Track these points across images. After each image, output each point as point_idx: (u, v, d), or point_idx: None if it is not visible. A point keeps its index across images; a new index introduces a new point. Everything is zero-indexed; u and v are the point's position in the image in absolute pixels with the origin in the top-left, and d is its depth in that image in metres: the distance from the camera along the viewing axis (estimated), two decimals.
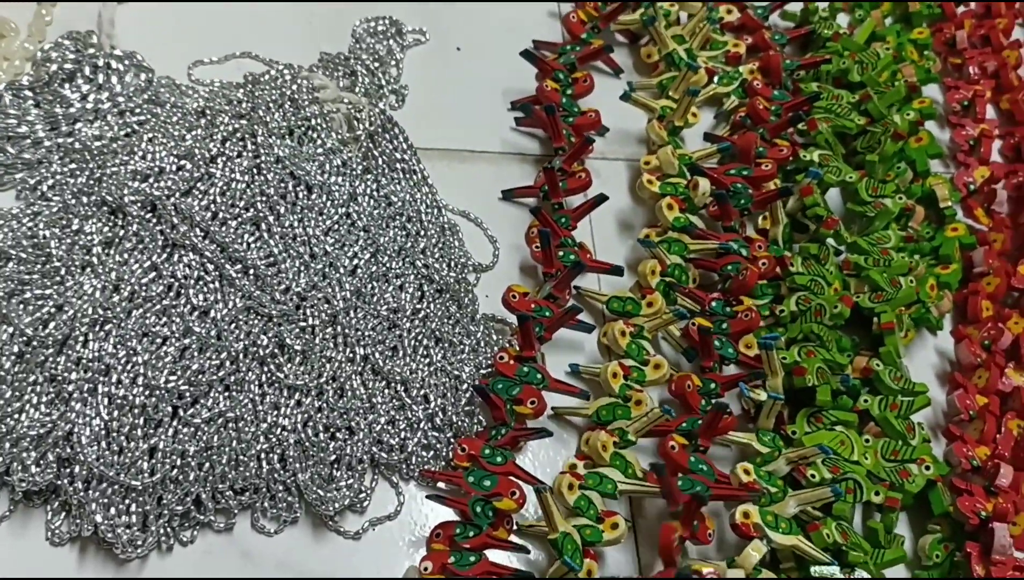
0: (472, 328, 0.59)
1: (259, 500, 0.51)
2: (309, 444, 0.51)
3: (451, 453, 0.55)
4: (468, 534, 0.50)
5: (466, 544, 0.50)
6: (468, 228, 0.64)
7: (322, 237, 0.56)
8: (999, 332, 0.62)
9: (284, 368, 0.52)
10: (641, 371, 0.57)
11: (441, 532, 0.51)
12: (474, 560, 0.49)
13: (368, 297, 0.56)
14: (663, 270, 0.61)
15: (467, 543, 0.49)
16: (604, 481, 0.53)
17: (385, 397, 0.54)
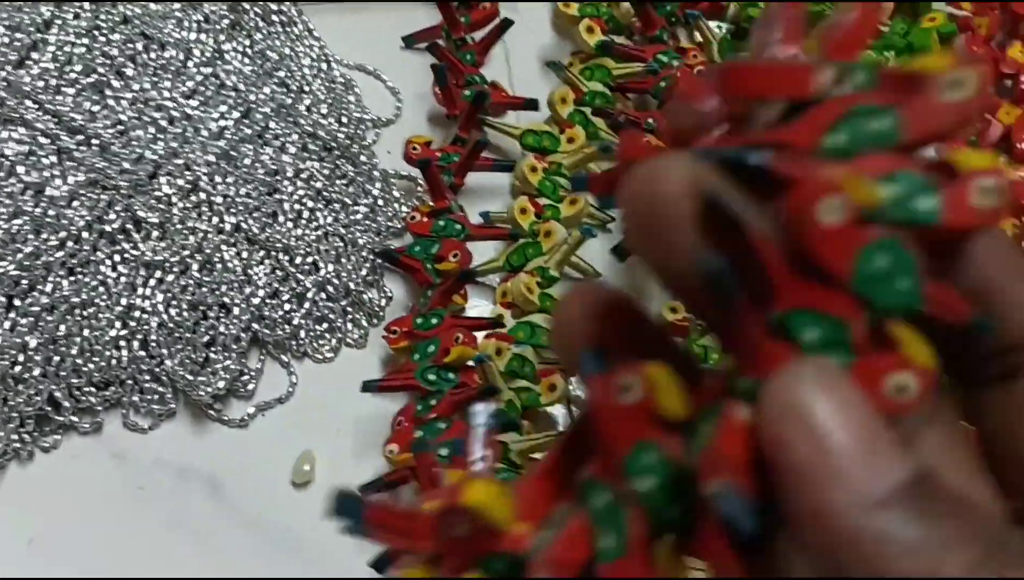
0: (369, 187, 0.52)
1: (126, 394, 0.45)
2: (174, 326, 0.45)
3: (350, 328, 0.48)
4: (431, 404, 0.43)
5: (431, 414, 0.43)
6: (369, 82, 0.57)
7: (182, 100, 0.49)
8: (987, 124, 0.53)
9: (140, 244, 0.46)
10: (555, 209, 0.49)
11: (402, 417, 0.44)
12: (445, 427, 0.43)
13: (239, 161, 0.49)
14: (578, 99, 0.52)
15: (432, 412, 0.43)
16: (537, 331, 0.46)
17: (265, 268, 0.47)
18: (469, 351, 0.43)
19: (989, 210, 0.17)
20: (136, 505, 0.43)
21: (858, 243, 0.17)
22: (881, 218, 0.17)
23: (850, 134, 0.17)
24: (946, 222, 0.17)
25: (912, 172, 0.17)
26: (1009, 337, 0.19)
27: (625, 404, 0.18)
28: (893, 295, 0.17)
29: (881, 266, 0.17)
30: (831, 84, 0.18)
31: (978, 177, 0.17)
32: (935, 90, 0.17)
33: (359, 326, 0.49)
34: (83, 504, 0.43)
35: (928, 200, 0.17)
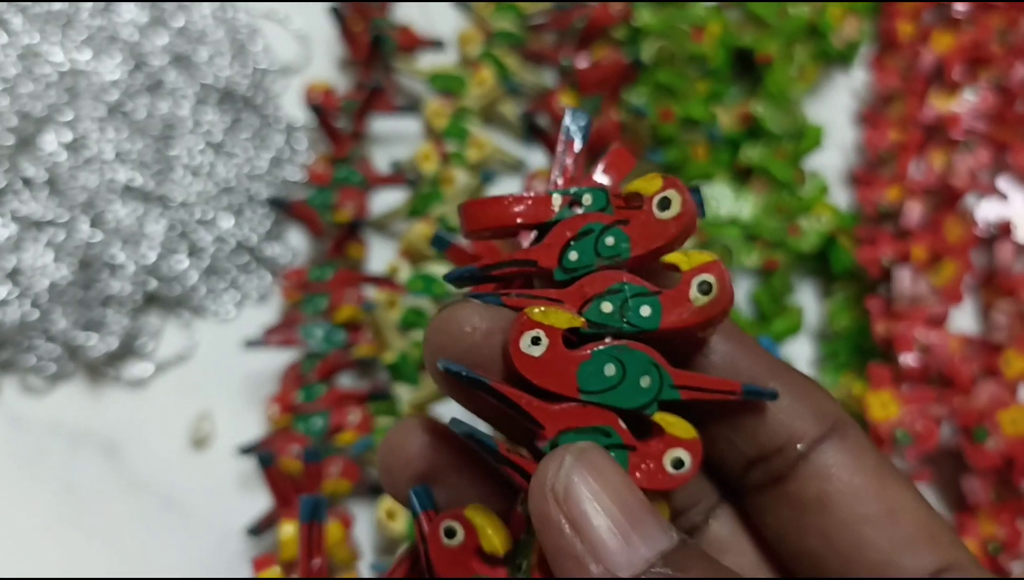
0: (275, 138, 0.50)
1: (19, 355, 0.44)
2: (65, 285, 0.44)
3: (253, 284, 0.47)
4: (314, 364, 0.42)
5: (313, 377, 0.42)
6: (276, 31, 0.55)
7: (74, 52, 0.48)
8: (916, 53, 0.51)
9: (27, 202, 0.44)
10: (460, 157, 0.47)
11: (290, 374, 0.43)
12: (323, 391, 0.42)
13: (133, 114, 0.47)
14: (487, 38, 0.50)
15: (314, 374, 0.42)
16: (432, 283, 0.44)
17: (161, 224, 0.46)
18: (358, 312, 0.42)
19: (709, 305, 0.19)
20: (31, 470, 0.42)
21: (575, 364, 0.19)
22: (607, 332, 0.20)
23: (581, 251, 0.20)
24: (668, 324, 0.19)
25: (631, 283, 0.20)
26: (766, 441, 0.20)
27: (453, 547, 0.20)
28: (636, 394, 0.19)
29: (609, 374, 0.19)
30: (564, 208, 0.20)
31: (696, 274, 0.19)
32: (650, 209, 0.20)
33: (262, 282, 0.48)
34: None
35: (647, 306, 0.20)
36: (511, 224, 0.20)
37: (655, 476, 0.19)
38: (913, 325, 0.41)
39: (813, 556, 0.20)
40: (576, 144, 0.22)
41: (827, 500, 0.20)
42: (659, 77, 0.48)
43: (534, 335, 0.19)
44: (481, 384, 0.19)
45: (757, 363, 0.20)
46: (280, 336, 0.42)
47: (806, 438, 0.20)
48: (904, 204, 0.44)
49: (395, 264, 0.45)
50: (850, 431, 0.20)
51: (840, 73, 0.55)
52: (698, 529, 0.21)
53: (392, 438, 0.21)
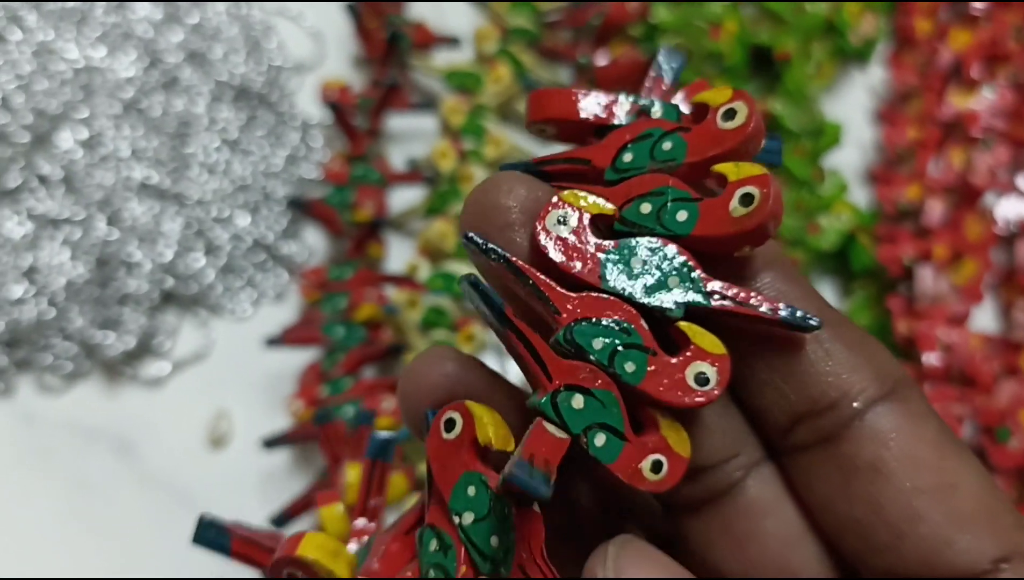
0: (291, 136, 0.50)
1: (35, 354, 0.44)
2: (82, 283, 0.44)
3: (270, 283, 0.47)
4: (336, 360, 0.42)
5: (338, 371, 0.42)
6: (290, 28, 0.55)
7: (89, 49, 0.47)
8: (934, 50, 0.50)
9: (44, 200, 0.44)
10: (478, 154, 0.47)
11: (310, 372, 0.43)
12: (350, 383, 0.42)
13: (149, 111, 0.47)
14: (503, 35, 0.50)
15: (338, 370, 0.42)
16: (452, 281, 0.44)
17: (178, 222, 0.46)
18: (378, 311, 0.42)
19: (747, 216, 0.18)
20: (44, 468, 0.42)
21: (599, 250, 0.18)
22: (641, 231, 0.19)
23: (637, 153, 0.19)
24: (702, 231, 0.18)
25: (674, 188, 0.19)
26: (817, 393, 0.18)
27: (450, 439, 0.19)
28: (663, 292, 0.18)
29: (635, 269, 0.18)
30: (631, 115, 0.20)
31: (742, 185, 0.18)
32: (713, 119, 0.19)
33: (278, 280, 0.47)
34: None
35: (684, 212, 0.18)
36: (573, 117, 0.20)
37: (674, 387, 0.18)
38: (935, 324, 0.41)
39: (861, 526, 0.18)
40: (665, 82, 0.21)
41: (882, 466, 0.18)
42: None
43: (561, 214, 0.18)
44: (498, 254, 0.18)
45: (812, 309, 0.18)
46: (300, 334, 0.42)
47: (863, 396, 0.18)
48: (925, 202, 0.44)
49: (414, 262, 0.45)
50: (912, 395, 0.19)
51: (857, 70, 0.55)
52: (736, 487, 0.19)
53: (416, 365, 0.20)
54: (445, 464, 0.19)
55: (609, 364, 0.18)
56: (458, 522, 0.18)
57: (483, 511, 0.18)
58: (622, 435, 0.18)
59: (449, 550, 0.18)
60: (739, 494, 0.19)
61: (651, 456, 0.18)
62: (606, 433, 0.18)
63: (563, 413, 0.18)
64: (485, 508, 0.18)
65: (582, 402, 0.18)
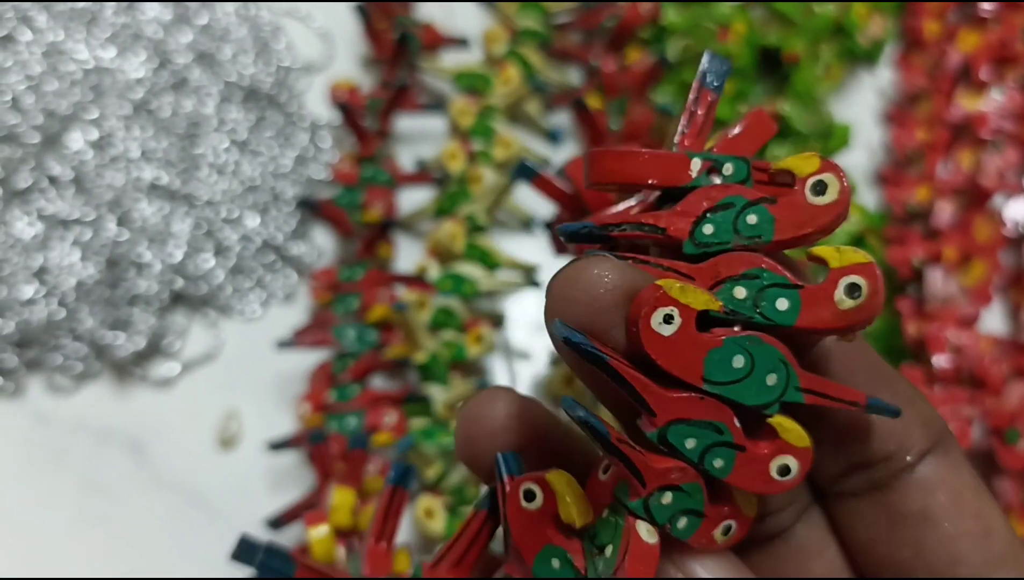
0: (300, 137, 0.50)
1: (46, 354, 0.44)
2: (92, 284, 0.44)
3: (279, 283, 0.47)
4: (347, 364, 0.42)
5: (346, 377, 0.42)
6: (298, 29, 0.55)
7: (99, 50, 0.47)
8: (942, 52, 0.50)
9: (54, 201, 0.44)
10: (487, 155, 0.47)
11: (320, 374, 0.43)
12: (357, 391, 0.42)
13: (159, 112, 0.47)
14: (512, 36, 0.50)
15: (348, 374, 0.42)
16: (462, 283, 0.44)
17: (187, 223, 0.46)
18: (391, 312, 0.42)
19: (856, 310, 0.17)
20: (57, 468, 0.42)
21: (704, 349, 0.18)
22: (737, 319, 0.18)
23: (718, 226, 0.18)
24: (806, 323, 0.18)
25: (770, 271, 0.18)
26: (875, 449, 0.20)
27: (530, 509, 0.19)
28: (760, 392, 0.18)
29: (738, 366, 0.18)
30: (702, 174, 0.19)
31: (847, 274, 0.17)
32: (802, 191, 0.18)
33: (287, 282, 0.47)
34: (3, 468, 0.42)
35: (784, 300, 0.18)
36: (642, 182, 0.19)
37: (758, 479, 0.18)
38: (945, 326, 0.41)
39: (902, 568, 0.20)
40: (711, 93, 0.20)
41: (929, 514, 0.19)
42: (685, 76, 0.48)
43: (667, 313, 0.17)
44: (599, 360, 0.17)
45: (872, 367, 0.20)
46: (311, 337, 0.42)
47: (915, 450, 0.19)
48: (934, 204, 0.44)
49: (424, 263, 0.45)
50: (953, 445, 0.20)
51: (865, 72, 0.55)
52: (786, 531, 0.21)
53: (476, 407, 0.20)
54: (526, 530, 0.19)
55: (700, 462, 0.18)
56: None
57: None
58: (702, 514, 0.18)
59: None
60: (789, 538, 0.21)
61: (724, 522, 0.18)
62: (688, 516, 0.18)
63: (653, 512, 0.18)
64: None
65: (671, 498, 0.18)
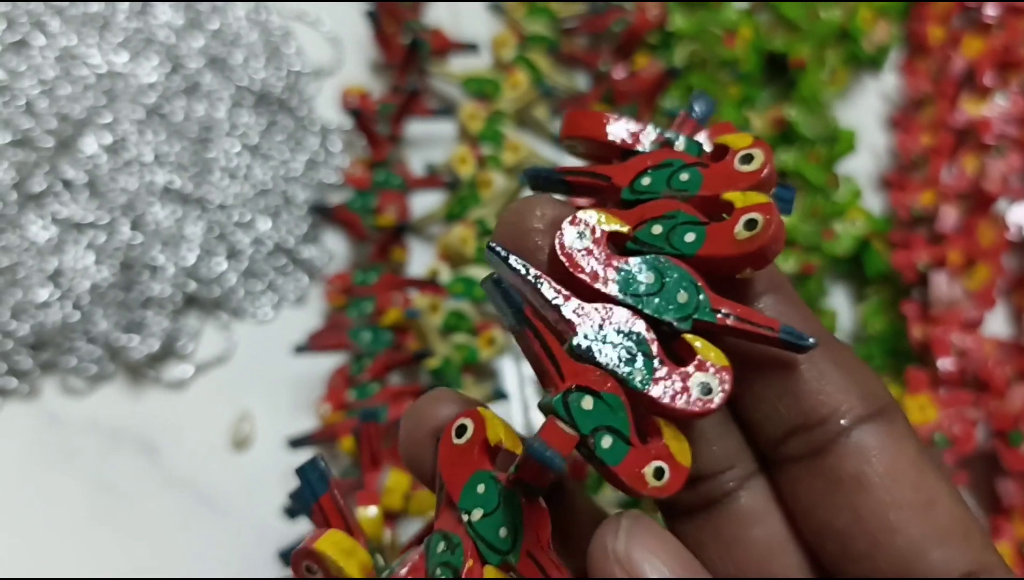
0: (309, 141, 0.51)
1: (61, 356, 0.44)
2: (106, 286, 0.44)
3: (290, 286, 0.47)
4: (364, 365, 0.43)
5: (365, 376, 0.42)
6: (308, 33, 0.55)
7: (111, 54, 0.48)
8: (947, 57, 0.51)
9: (68, 205, 0.45)
10: (497, 160, 0.47)
11: (338, 376, 0.44)
12: (377, 389, 0.42)
13: (171, 116, 0.48)
14: (520, 42, 0.51)
15: (365, 374, 0.43)
16: (473, 286, 0.45)
17: (200, 226, 0.46)
18: (401, 317, 0.42)
19: (749, 240, 0.19)
20: (69, 468, 0.43)
21: (612, 263, 0.20)
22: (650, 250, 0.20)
23: (655, 179, 0.21)
24: (707, 251, 0.20)
25: (684, 213, 0.20)
26: (810, 411, 0.20)
27: (460, 444, 0.19)
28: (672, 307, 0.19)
29: (645, 281, 0.20)
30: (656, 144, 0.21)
31: (747, 211, 0.19)
32: (732, 160, 0.20)
33: (299, 284, 0.48)
34: (16, 467, 0.42)
35: (692, 234, 0.20)
36: (602, 138, 0.21)
37: (680, 397, 0.19)
38: (949, 329, 0.41)
39: (841, 535, 0.20)
40: (694, 124, 0.22)
41: (864, 480, 0.19)
42: (692, 81, 0.49)
43: (580, 230, 0.20)
44: (518, 264, 0.19)
45: (807, 331, 0.20)
46: (327, 340, 0.42)
47: (851, 414, 0.20)
48: (939, 208, 0.45)
49: (435, 267, 0.45)
50: (897, 417, 0.20)
51: (870, 77, 0.55)
52: (728, 496, 0.21)
53: (420, 409, 0.21)
54: (455, 468, 0.20)
55: (618, 372, 0.19)
56: (467, 519, 0.19)
57: (492, 506, 0.19)
58: (627, 440, 0.19)
59: (457, 548, 0.19)
60: (731, 503, 0.21)
61: (654, 462, 0.19)
62: (612, 436, 0.18)
63: (573, 412, 0.18)
64: (494, 503, 0.19)
65: (591, 403, 0.19)
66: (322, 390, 0.44)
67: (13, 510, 0.41)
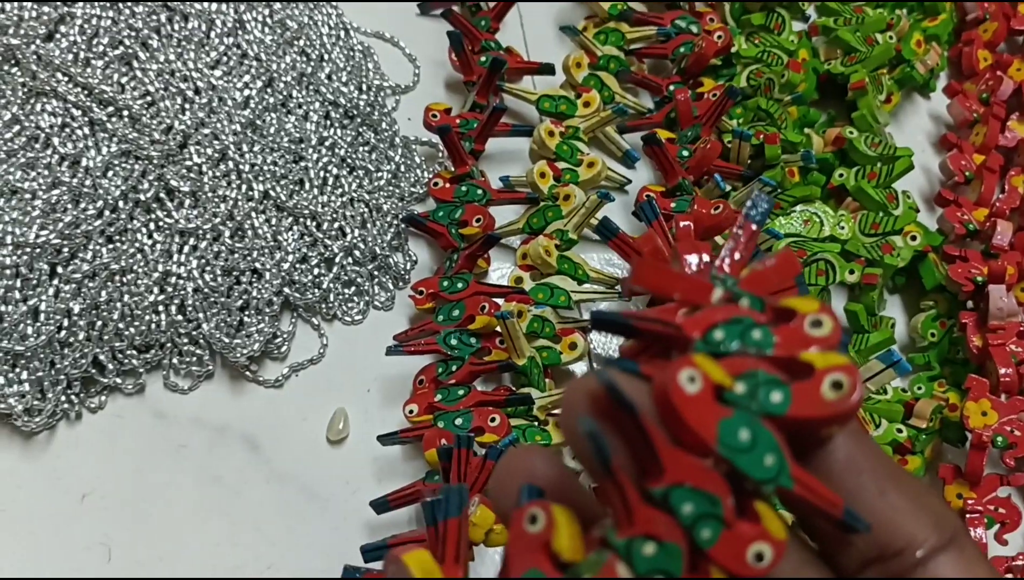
0: (391, 153, 0.53)
1: (166, 357, 0.47)
2: (209, 290, 0.47)
3: (377, 291, 0.50)
4: (451, 369, 0.45)
5: (451, 380, 0.45)
6: (385, 49, 0.58)
7: (207, 70, 0.51)
8: (998, 81, 0.54)
9: (174, 213, 0.47)
10: (574, 173, 0.50)
11: (424, 377, 0.46)
12: (463, 394, 0.44)
13: (265, 130, 0.50)
14: (593, 63, 0.53)
15: (452, 378, 0.45)
16: (556, 293, 0.47)
17: (293, 234, 0.49)
18: (494, 322, 0.45)
19: (838, 401, 0.20)
20: (178, 462, 0.45)
21: (718, 415, 0.20)
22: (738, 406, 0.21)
23: (728, 334, 0.21)
24: (795, 413, 0.21)
25: (764, 371, 0.21)
26: (885, 545, 0.21)
27: (529, 533, 0.21)
28: (759, 468, 0.20)
29: (743, 439, 0.20)
30: (723, 301, 0.22)
31: (830, 372, 0.21)
32: (802, 324, 0.21)
33: (385, 289, 0.51)
34: (129, 461, 0.45)
35: (778, 393, 0.21)
36: (669, 297, 0.22)
37: (735, 560, 0.20)
38: (1008, 339, 0.44)
39: None
40: (754, 226, 0.24)
41: None
42: (759, 103, 0.52)
43: (691, 374, 0.20)
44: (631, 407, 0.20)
45: (878, 467, 0.21)
46: (416, 344, 0.45)
47: (926, 545, 0.21)
48: (994, 224, 0.47)
49: (517, 274, 0.48)
50: (967, 545, 0.21)
51: (919, 97, 0.58)
52: None
53: (512, 461, 0.22)
54: (519, 551, 0.21)
55: (690, 527, 0.20)
56: None
57: None
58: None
59: None
60: None
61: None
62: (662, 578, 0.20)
63: (634, 557, 0.20)
64: None
65: (653, 550, 0.20)
66: (408, 389, 0.47)
67: (131, 501, 0.44)
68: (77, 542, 0.43)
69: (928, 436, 0.45)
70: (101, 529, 0.43)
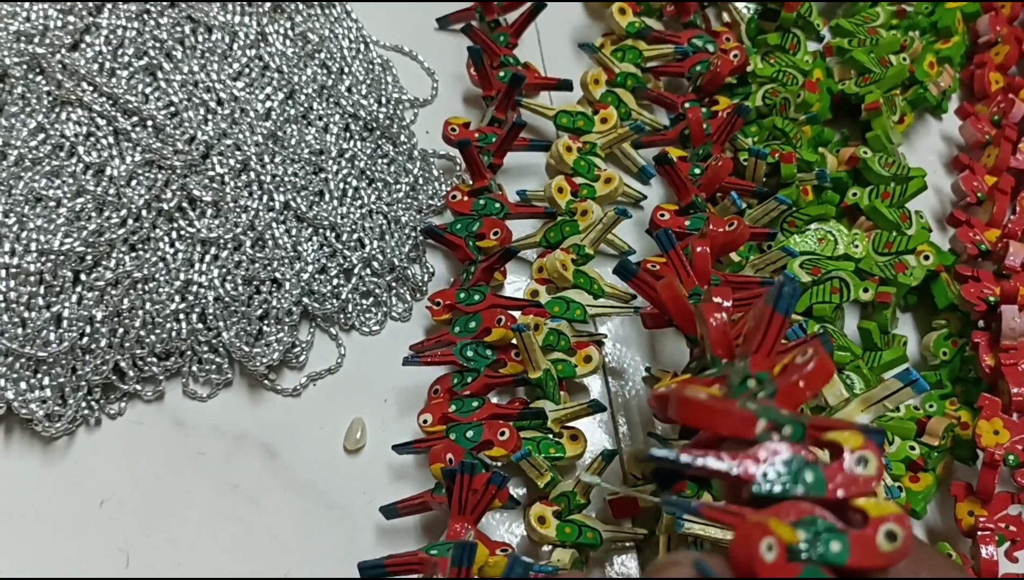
0: (410, 166, 0.54)
1: (186, 364, 0.47)
2: (230, 299, 0.47)
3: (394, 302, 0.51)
4: (467, 380, 0.46)
5: (466, 391, 0.45)
6: (404, 63, 0.59)
7: (229, 82, 0.51)
8: (1010, 103, 0.54)
9: (196, 222, 0.48)
10: (591, 188, 0.51)
11: (439, 387, 0.47)
12: (477, 405, 0.45)
13: (286, 141, 0.51)
14: (610, 79, 0.54)
15: (467, 389, 0.46)
16: (572, 306, 0.48)
17: (313, 244, 0.50)
18: (510, 334, 0.45)
19: (894, 552, 0.22)
20: (197, 469, 0.46)
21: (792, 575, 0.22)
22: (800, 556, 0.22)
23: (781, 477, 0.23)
24: (855, 563, 0.22)
25: (821, 519, 0.22)
26: None
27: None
28: None
29: None
30: (766, 432, 0.23)
31: (884, 522, 0.22)
32: (846, 461, 0.23)
33: (403, 300, 0.51)
34: (147, 468, 0.45)
35: (837, 543, 0.22)
36: (716, 434, 0.23)
37: None
38: (1020, 359, 0.45)
39: None
40: (780, 317, 0.26)
41: None
42: (774, 122, 0.52)
43: (769, 542, 0.22)
44: None
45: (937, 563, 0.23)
46: (432, 355, 0.46)
47: None
48: (1007, 245, 0.48)
49: (533, 287, 0.49)
50: None
51: (931, 118, 0.59)
52: None
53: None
54: None
55: None
56: None
57: None
58: None
59: None
60: None
61: None
62: None
63: None
64: None
65: None
66: (424, 399, 0.47)
67: (149, 508, 0.44)
68: (95, 547, 0.43)
69: (940, 454, 0.45)
70: (119, 535, 0.44)
